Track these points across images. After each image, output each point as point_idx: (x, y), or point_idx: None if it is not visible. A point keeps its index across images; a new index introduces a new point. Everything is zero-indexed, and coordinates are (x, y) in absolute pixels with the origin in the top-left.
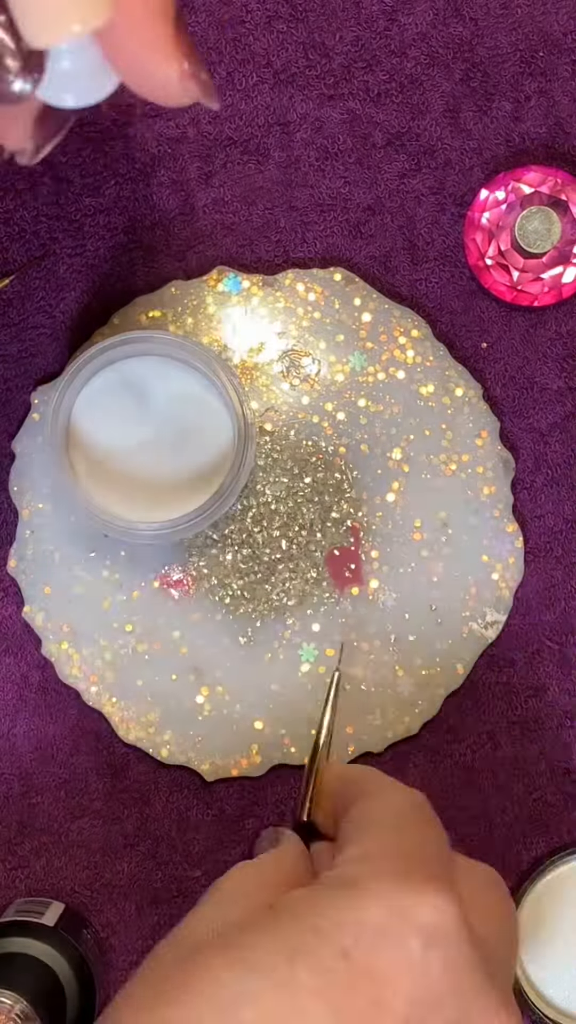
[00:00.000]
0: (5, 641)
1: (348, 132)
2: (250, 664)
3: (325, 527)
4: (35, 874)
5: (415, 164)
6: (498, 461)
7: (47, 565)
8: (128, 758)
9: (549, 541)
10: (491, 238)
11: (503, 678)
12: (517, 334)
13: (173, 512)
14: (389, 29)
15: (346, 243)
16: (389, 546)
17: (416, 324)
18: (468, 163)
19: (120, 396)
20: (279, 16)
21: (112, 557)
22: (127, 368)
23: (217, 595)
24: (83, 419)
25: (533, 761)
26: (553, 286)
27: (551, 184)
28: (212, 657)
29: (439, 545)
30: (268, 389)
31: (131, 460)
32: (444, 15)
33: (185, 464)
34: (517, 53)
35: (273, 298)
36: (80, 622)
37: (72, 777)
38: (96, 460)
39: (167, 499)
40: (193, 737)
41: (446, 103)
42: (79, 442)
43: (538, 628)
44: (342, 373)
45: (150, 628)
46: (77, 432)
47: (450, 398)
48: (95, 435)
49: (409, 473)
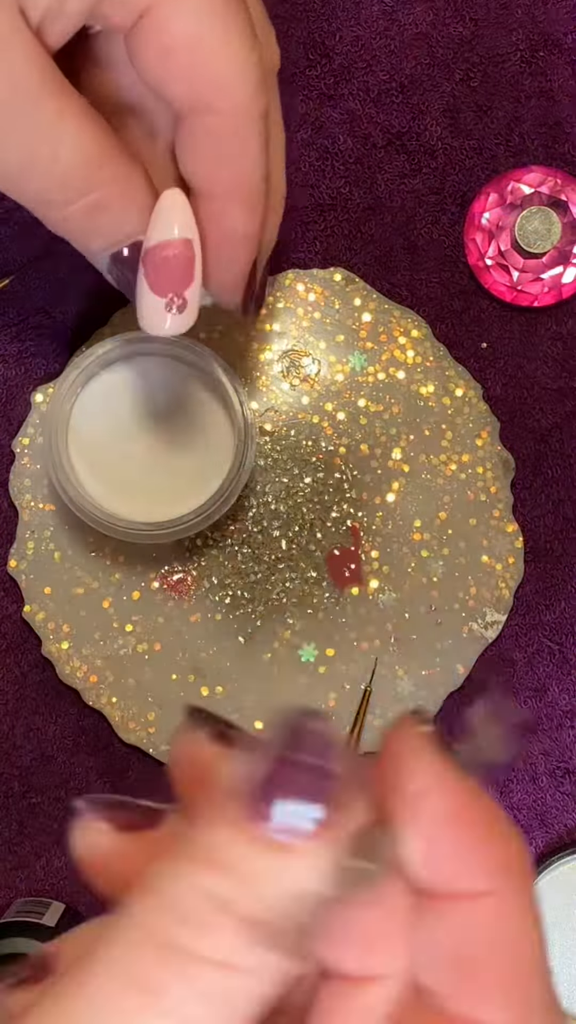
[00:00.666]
0: (5, 641)
1: (348, 132)
2: (250, 664)
3: (325, 527)
4: (35, 874)
5: (415, 164)
6: (498, 461)
7: (47, 565)
8: (128, 758)
9: (549, 541)
10: (491, 238)
11: (503, 678)
12: (517, 334)
13: (173, 512)
14: (389, 29)
15: (346, 243)
16: (389, 546)
17: (416, 324)
18: (468, 163)
19: (120, 396)
20: (279, 16)
21: (112, 557)
22: (127, 368)
23: (217, 595)
24: (83, 419)
25: (533, 761)
26: (553, 286)
27: (551, 184)
28: (212, 657)
29: (439, 545)
30: (268, 389)
31: (131, 460)
32: (444, 15)
33: (185, 464)
34: (517, 53)
35: (273, 298)
36: (80, 622)
37: (72, 777)
38: (96, 460)
39: (167, 499)
40: None
41: (446, 103)
42: (79, 442)
43: (538, 628)
44: (342, 373)
45: (150, 628)
46: (77, 432)
47: (450, 398)
48: (95, 435)
49: (409, 473)
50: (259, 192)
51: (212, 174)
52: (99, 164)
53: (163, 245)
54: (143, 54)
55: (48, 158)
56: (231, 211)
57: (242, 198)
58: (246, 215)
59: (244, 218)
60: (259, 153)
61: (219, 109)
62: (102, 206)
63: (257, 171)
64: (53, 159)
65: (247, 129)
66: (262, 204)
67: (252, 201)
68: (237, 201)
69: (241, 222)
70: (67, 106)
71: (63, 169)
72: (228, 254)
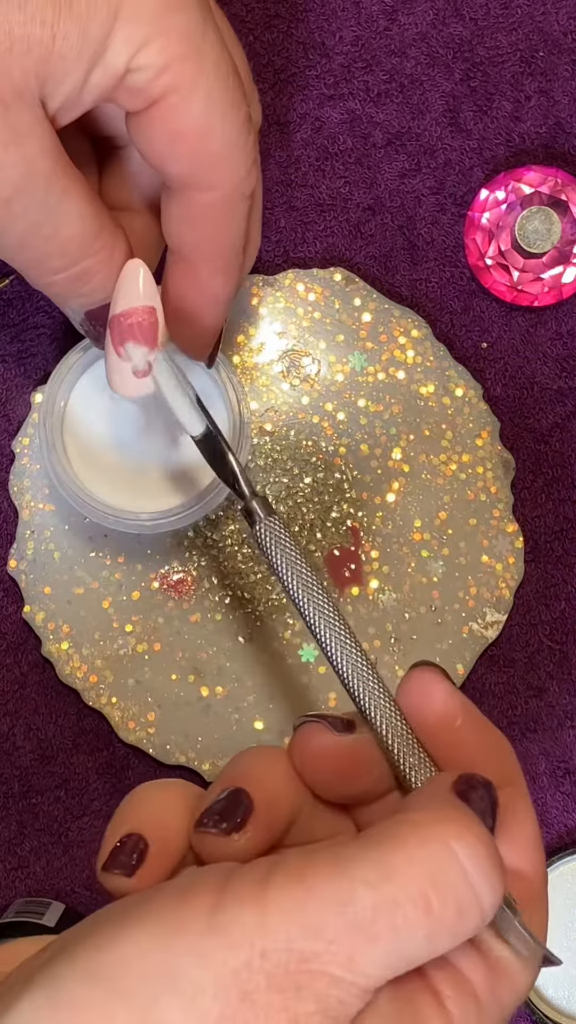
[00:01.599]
0: (5, 641)
1: (348, 132)
2: (250, 664)
3: (325, 527)
4: (35, 874)
5: (415, 164)
6: (498, 461)
7: (47, 565)
8: (128, 758)
9: (549, 541)
10: (491, 238)
11: (503, 678)
12: (517, 334)
13: (166, 503)
14: (389, 29)
15: (346, 243)
16: (389, 546)
17: (416, 324)
18: (468, 163)
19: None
20: (279, 16)
21: (112, 557)
22: None
23: (217, 595)
24: (78, 409)
25: (533, 761)
26: (553, 286)
27: (551, 184)
28: (212, 657)
29: (439, 545)
30: (268, 389)
31: (125, 451)
32: (444, 15)
33: (179, 456)
34: (517, 53)
35: (273, 298)
36: (80, 622)
37: (72, 777)
38: (90, 450)
39: (161, 490)
40: (193, 737)
41: (446, 103)
42: (74, 432)
43: (538, 628)
44: (342, 373)
45: (150, 628)
46: (72, 422)
47: (450, 398)
48: (90, 425)
49: (409, 473)
50: (239, 260)
51: (199, 242)
52: (94, 236)
53: (128, 313)
54: (149, 136)
55: (49, 233)
56: (213, 277)
57: (224, 266)
58: (224, 281)
59: (223, 283)
60: (243, 226)
61: (215, 186)
62: (90, 274)
63: (239, 241)
64: (54, 234)
65: (238, 205)
66: (239, 271)
67: (232, 269)
68: (219, 268)
69: (220, 287)
70: (70, 185)
71: (61, 242)
72: (203, 316)
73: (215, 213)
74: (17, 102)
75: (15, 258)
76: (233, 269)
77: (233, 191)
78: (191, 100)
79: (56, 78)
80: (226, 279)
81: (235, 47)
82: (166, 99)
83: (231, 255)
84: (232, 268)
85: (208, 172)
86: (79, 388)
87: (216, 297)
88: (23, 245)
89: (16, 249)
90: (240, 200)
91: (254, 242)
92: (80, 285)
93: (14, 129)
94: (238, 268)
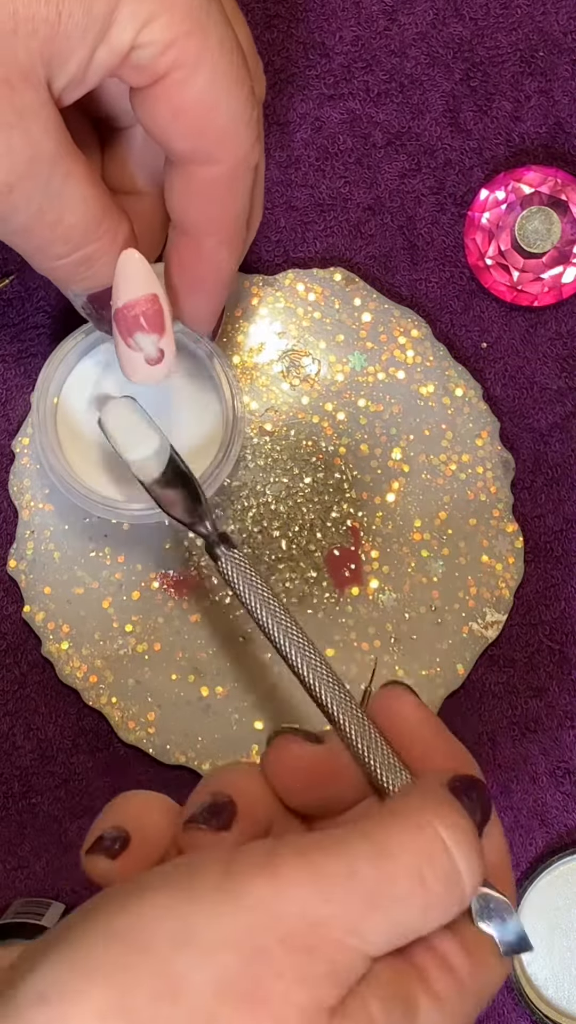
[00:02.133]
0: (5, 641)
1: (348, 132)
2: (250, 664)
3: (325, 527)
4: (35, 874)
5: (415, 164)
6: (498, 461)
7: (47, 565)
8: (128, 758)
9: (549, 541)
10: (491, 238)
11: (503, 678)
12: (517, 334)
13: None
14: (389, 29)
15: (346, 243)
16: (389, 546)
17: (416, 324)
18: (468, 163)
19: (107, 378)
20: (279, 16)
21: (112, 557)
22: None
23: (217, 595)
24: (71, 400)
25: (533, 761)
26: (553, 286)
27: (551, 184)
28: (212, 657)
29: (439, 545)
30: (268, 389)
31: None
32: (444, 15)
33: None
34: (517, 53)
35: (273, 298)
36: (80, 622)
37: (72, 777)
38: (83, 440)
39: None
40: (193, 737)
41: (446, 103)
42: (66, 423)
43: (538, 628)
44: (342, 373)
45: (150, 628)
46: (65, 413)
47: (450, 398)
48: (83, 416)
49: (409, 473)
50: (243, 233)
51: (203, 216)
52: (97, 222)
53: (131, 304)
54: (154, 111)
55: (53, 220)
56: (217, 250)
57: (228, 238)
58: (229, 253)
59: (227, 256)
60: (248, 198)
61: (220, 160)
62: (93, 259)
63: (243, 214)
64: (58, 220)
65: (242, 179)
66: (243, 243)
67: (236, 241)
68: (223, 241)
69: (225, 259)
70: (74, 168)
71: (66, 228)
72: (209, 288)
73: (220, 187)
74: (22, 83)
75: (19, 244)
76: (237, 242)
77: (238, 165)
78: (196, 75)
79: (62, 57)
80: (231, 251)
81: (239, 22)
82: (171, 75)
83: (235, 228)
84: (236, 240)
85: (213, 147)
86: (74, 375)
87: (221, 270)
88: (27, 231)
89: (20, 235)
90: (245, 173)
91: (256, 215)
92: (83, 270)
93: (19, 111)
94: (242, 241)
